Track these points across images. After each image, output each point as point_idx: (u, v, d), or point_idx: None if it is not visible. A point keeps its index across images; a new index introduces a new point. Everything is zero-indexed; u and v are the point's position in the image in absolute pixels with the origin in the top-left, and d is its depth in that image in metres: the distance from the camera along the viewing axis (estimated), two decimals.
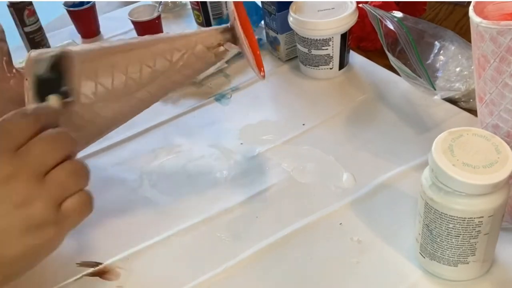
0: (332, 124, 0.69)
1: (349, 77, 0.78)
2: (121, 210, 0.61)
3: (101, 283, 0.53)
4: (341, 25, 0.72)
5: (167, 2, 1.01)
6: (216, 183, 0.63)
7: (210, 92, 0.79)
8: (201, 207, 0.60)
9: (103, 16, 1.00)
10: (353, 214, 0.57)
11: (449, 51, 0.73)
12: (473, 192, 0.41)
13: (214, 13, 0.92)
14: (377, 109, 0.71)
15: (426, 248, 0.48)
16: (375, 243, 0.53)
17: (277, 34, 0.80)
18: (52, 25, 1.02)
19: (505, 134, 0.47)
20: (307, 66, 0.78)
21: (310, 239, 0.55)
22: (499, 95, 0.46)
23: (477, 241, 0.44)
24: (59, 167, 0.38)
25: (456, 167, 0.41)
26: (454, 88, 0.69)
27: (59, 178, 0.38)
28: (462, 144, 0.43)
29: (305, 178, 0.62)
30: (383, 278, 0.50)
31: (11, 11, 0.88)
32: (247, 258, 0.54)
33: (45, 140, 0.38)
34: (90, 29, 0.97)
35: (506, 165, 0.41)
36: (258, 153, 0.66)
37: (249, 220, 0.58)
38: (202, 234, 0.57)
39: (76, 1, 0.94)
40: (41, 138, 0.38)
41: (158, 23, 0.89)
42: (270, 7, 0.78)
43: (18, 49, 0.93)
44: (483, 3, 0.47)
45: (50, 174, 0.37)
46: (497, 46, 0.43)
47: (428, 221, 0.45)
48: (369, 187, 0.59)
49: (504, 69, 0.44)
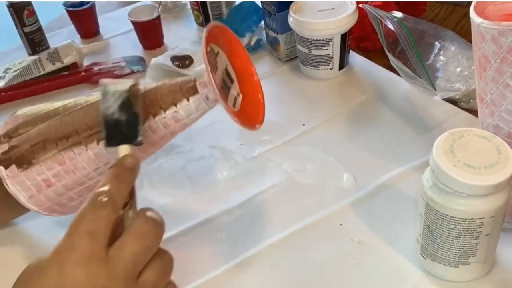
0: (332, 125, 0.69)
1: (349, 78, 0.78)
2: None
3: None
4: (341, 25, 0.72)
5: (167, 3, 1.01)
6: (216, 183, 0.63)
7: None
8: (201, 208, 0.60)
9: (103, 16, 1.00)
10: (354, 214, 0.57)
11: (449, 51, 0.73)
12: (474, 193, 0.41)
13: (214, 13, 0.92)
14: (377, 110, 0.71)
15: (427, 249, 0.47)
16: (375, 244, 0.53)
17: (277, 35, 0.80)
18: (51, 25, 1.01)
19: (506, 134, 0.47)
20: (307, 66, 0.78)
21: (311, 240, 0.55)
22: (500, 95, 0.46)
23: (478, 242, 0.44)
24: (150, 269, 0.37)
25: (457, 168, 0.41)
26: (455, 88, 0.69)
27: (151, 280, 0.37)
28: (463, 145, 0.43)
29: (306, 178, 0.62)
30: (384, 279, 0.50)
31: (11, 11, 0.88)
32: (247, 259, 0.53)
33: (136, 239, 0.36)
34: (89, 29, 0.97)
35: (507, 166, 0.41)
36: (258, 153, 0.66)
37: (249, 221, 0.58)
38: (202, 235, 0.57)
39: (76, 1, 0.94)
40: (130, 236, 0.36)
41: (158, 23, 0.89)
42: (270, 7, 0.78)
43: (18, 49, 0.93)
44: (484, 3, 0.46)
45: (143, 278, 0.37)
46: (498, 46, 0.43)
47: (429, 222, 0.45)
48: (369, 188, 0.59)
49: (505, 70, 0.44)
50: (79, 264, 0.35)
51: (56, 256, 0.36)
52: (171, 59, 0.82)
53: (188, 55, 0.83)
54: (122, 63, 0.87)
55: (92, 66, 0.87)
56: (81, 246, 0.35)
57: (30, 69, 0.85)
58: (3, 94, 0.83)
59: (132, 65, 0.86)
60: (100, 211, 0.36)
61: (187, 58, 0.82)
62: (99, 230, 0.36)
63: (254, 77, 0.51)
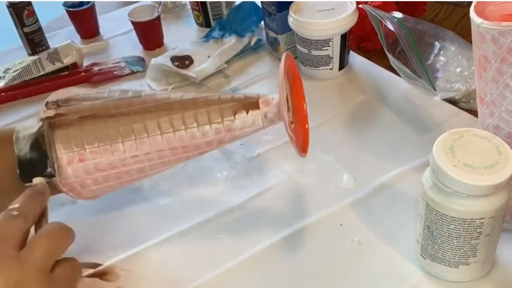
0: (332, 125, 0.69)
1: (349, 78, 0.78)
2: (121, 211, 0.61)
3: (101, 284, 0.53)
4: (341, 25, 0.72)
5: (167, 3, 1.01)
6: (216, 183, 0.63)
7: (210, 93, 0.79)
8: (201, 208, 0.60)
9: (103, 17, 1.00)
10: (354, 215, 0.57)
11: (449, 51, 0.73)
12: (474, 193, 0.41)
13: (214, 13, 0.92)
14: (377, 110, 0.71)
15: (427, 249, 0.47)
16: (375, 244, 0.53)
17: (277, 35, 0.80)
18: (51, 26, 1.01)
19: (506, 135, 0.47)
20: (307, 66, 0.78)
21: (311, 240, 0.55)
22: (500, 96, 0.46)
23: (478, 242, 0.44)
24: (61, 265, 0.41)
25: (457, 168, 0.41)
26: (455, 88, 0.69)
27: (65, 275, 0.40)
28: (463, 145, 0.43)
29: (305, 178, 0.62)
30: (384, 279, 0.50)
31: (11, 12, 0.88)
32: (247, 259, 0.53)
33: (45, 239, 0.40)
34: (89, 29, 0.97)
35: (507, 166, 0.41)
36: (258, 153, 0.66)
37: (249, 221, 0.58)
38: (202, 235, 0.57)
39: (75, 1, 0.94)
40: (40, 237, 0.40)
41: (158, 23, 0.89)
42: (270, 7, 0.78)
43: (18, 49, 0.93)
44: (484, 3, 0.46)
45: (56, 273, 0.40)
46: (498, 47, 0.43)
47: (429, 222, 0.45)
48: (369, 188, 0.59)
49: (505, 70, 0.44)
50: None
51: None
52: (171, 59, 0.82)
53: (188, 55, 0.83)
54: (122, 63, 0.87)
55: (92, 66, 0.87)
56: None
57: (30, 69, 0.85)
58: (3, 94, 0.83)
59: (132, 65, 0.86)
60: (11, 220, 0.40)
61: (187, 58, 0.82)
62: (10, 236, 0.39)
63: (305, 111, 0.54)
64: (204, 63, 0.81)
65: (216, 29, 0.88)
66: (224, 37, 0.86)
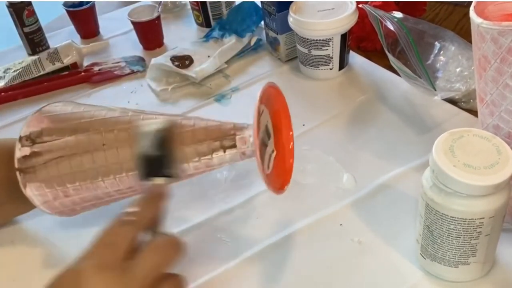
0: (332, 125, 0.69)
1: (349, 78, 0.78)
2: None
3: None
4: (341, 25, 0.72)
5: (167, 3, 1.01)
6: (216, 184, 0.63)
7: (210, 93, 0.79)
8: (201, 208, 0.60)
9: (103, 17, 1.00)
10: (354, 215, 0.57)
11: (449, 51, 0.73)
12: (474, 193, 0.41)
13: (213, 13, 0.92)
14: (377, 110, 0.71)
15: (427, 249, 0.47)
16: (375, 244, 0.53)
17: (277, 35, 0.80)
18: (51, 26, 1.01)
19: (506, 135, 0.47)
20: (307, 66, 0.78)
21: (311, 240, 0.55)
22: (499, 96, 0.46)
23: (478, 242, 0.44)
24: (167, 281, 0.39)
25: (457, 168, 0.41)
26: (455, 88, 0.69)
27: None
28: (463, 145, 0.43)
29: (305, 178, 0.62)
30: (384, 279, 0.50)
31: (11, 11, 0.88)
32: (247, 259, 0.53)
33: (154, 252, 0.39)
34: (89, 29, 0.97)
35: (507, 166, 0.41)
36: None
37: (250, 221, 0.58)
38: (203, 235, 0.57)
39: (75, 1, 0.94)
40: (149, 250, 0.38)
41: (158, 23, 0.89)
42: (270, 7, 0.78)
43: (18, 49, 0.93)
44: (484, 3, 0.46)
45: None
46: (498, 46, 0.43)
47: (429, 222, 0.45)
48: (369, 188, 0.59)
49: (505, 70, 0.44)
50: (97, 270, 0.37)
51: (76, 263, 0.38)
52: (171, 59, 0.82)
53: (188, 55, 0.83)
54: (122, 63, 0.87)
55: (92, 66, 0.87)
56: (101, 255, 0.38)
57: (30, 69, 0.85)
58: (3, 94, 0.83)
59: (132, 65, 0.86)
60: (123, 227, 0.39)
61: (187, 58, 0.82)
62: (119, 243, 0.38)
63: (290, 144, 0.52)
64: (204, 63, 0.81)
65: (216, 29, 0.88)
66: (224, 37, 0.86)
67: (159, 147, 0.43)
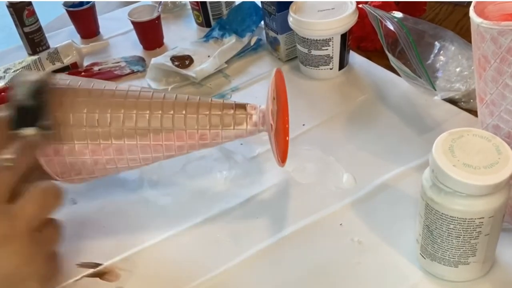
0: (332, 125, 0.69)
1: (349, 78, 0.78)
2: (121, 211, 0.61)
3: (101, 284, 0.53)
4: (341, 25, 0.72)
5: (167, 3, 1.01)
6: (216, 183, 0.63)
7: (210, 92, 0.79)
8: (201, 207, 0.60)
9: (103, 16, 1.00)
10: (354, 214, 0.57)
11: (449, 51, 0.73)
12: (473, 193, 0.41)
13: (214, 13, 0.92)
14: (377, 110, 0.71)
15: (426, 249, 0.48)
16: (375, 244, 0.53)
17: (277, 35, 0.80)
18: (51, 26, 1.02)
19: (506, 134, 0.47)
20: (307, 66, 0.78)
21: (310, 240, 0.55)
22: (499, 95, 0.46)
23: (478, 242, 0.44)
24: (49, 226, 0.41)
25: (457, 168, 0.41)
26: (454, 88, 0.69)
27: (51, 236, 0.41)
28: (463, 145, 0.43)
29: (305, 178, 0.62)
30: (384, 279, 0.50)
31: (11, 11, 0.88)
32: (247, 259, 0.53)
33: (37, 197, 0.40)
34: (89, 29, 0.97)
35: (506, 166, 0.41)
36: (258, 153, 0.66)
37: (249, 220, 0.58)
38: (202, 235, 0.57)
39: (75, 1, 0.94)
40: (32, 194, 0.40)
41: (158, 23, 0.89)
42: (270, 7, 0.78)
43: (18, 49, 0.93)
44: (484, 3, 0.47)
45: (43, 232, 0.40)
46: (497, 46, 0.43)
47: (429, 222, 0.45)
48: (369, 188, 0.59)
49: (505, 70, 0.44)
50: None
51: None
52: (171, 59, 0.82)
53: (188, 55, 0.83)
54: (122, 63, 0.87)
55: (92, 66, 0.87)
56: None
57: (30, 69, 0.85)
58: (3, 94, 0.83)
59: (132, 65, 0.86)
60: (1, 172, 0.40)
61: (187, 58, 0.82)
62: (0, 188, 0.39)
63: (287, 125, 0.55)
64: (204, 63, 0.81)
65: (216, 29, 0.88)
66: (224, 37, 0.86)
67: (33, 98, 0.44)
